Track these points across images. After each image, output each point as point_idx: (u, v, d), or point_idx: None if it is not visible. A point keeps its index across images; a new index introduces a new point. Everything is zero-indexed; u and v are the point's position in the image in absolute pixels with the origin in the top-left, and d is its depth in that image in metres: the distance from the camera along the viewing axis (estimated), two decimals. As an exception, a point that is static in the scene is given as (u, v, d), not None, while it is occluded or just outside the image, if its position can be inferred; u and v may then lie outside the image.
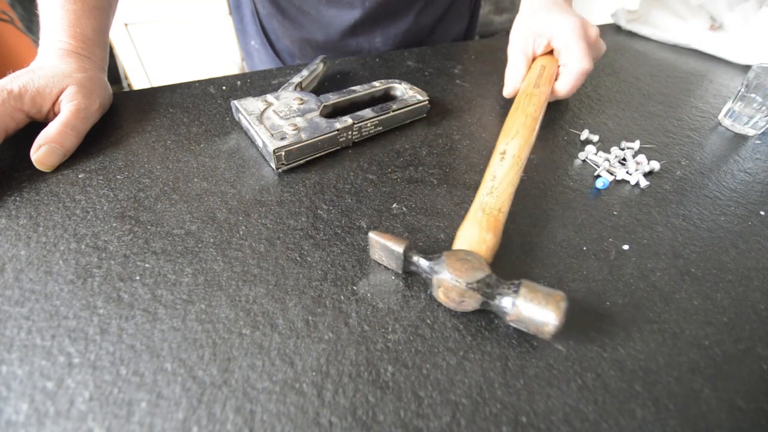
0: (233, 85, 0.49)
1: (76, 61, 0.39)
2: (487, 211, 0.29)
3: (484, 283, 0.24)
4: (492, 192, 0.30)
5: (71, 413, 0.20)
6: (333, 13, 0.62)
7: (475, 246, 0.27)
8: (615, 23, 0.77)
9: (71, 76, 0.37)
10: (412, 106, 0.42)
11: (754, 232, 0.34)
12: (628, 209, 0.35)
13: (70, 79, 0.37)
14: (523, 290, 0.23)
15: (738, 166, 0.42)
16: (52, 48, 0.39)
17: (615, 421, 0.21)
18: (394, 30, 0.66)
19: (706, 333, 0.26)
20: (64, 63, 0.38)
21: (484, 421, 0.21)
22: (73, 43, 0.40)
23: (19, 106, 0.34)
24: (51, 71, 0.37)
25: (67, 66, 0.38)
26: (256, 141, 0.37)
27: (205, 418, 0.20)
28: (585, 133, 0.43)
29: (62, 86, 0.36)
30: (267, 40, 0.70)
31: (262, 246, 0.29)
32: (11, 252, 0.27)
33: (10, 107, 0.34)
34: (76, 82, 0.37)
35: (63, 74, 0.37)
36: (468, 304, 0.24)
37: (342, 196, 0.34)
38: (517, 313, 0.23)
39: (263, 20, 0.69)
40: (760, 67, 0.45)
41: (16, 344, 0.23)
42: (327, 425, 0.20)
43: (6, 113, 0.33)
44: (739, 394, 0.23)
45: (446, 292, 0.24)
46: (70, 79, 0.37)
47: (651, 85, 0.56)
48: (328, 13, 0.63)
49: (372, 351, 0.24)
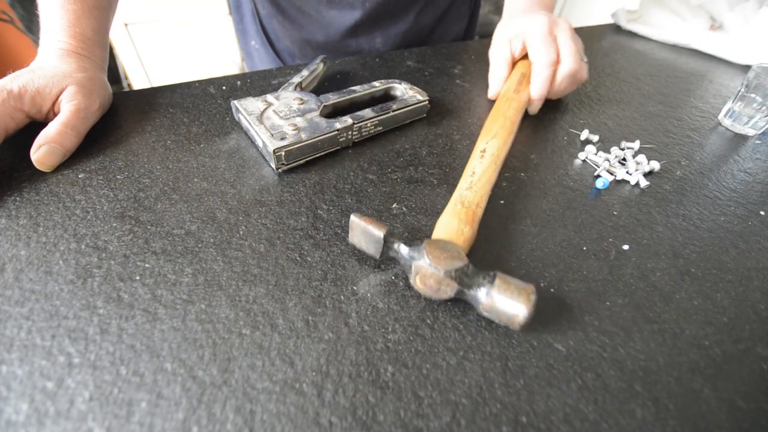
0: (233, 85, 0.49)
1: (75, 61, 0.39)
2: (466, 205, 0.30)
3: (462, 272, 0.24)
4: (471, 187, 0.31)
5: (71, 413, 0.20)
6: (333, 14, 0.63)
7: (453, 237, 0.27)
8: (615, 23, 0.77)
9: (71, 75, 0.37)
10: (412, 106, 0.42)
11: (754, 232, 0.34)
12: (628, 209, 0.35)
13: (70, 78, 0.37)
14: (498, 281, 0.24)
15: (738, 166, 0.42)
16: (52, 48, 0.39)
17: (615, 421, 0.21)
18: (394, 30, 0.66)
19: (706, 333, 0.26)
20: (64, 63, 0.38)
21: (484, 421, 0.21)
22: (72, 42, 0.40)
23: (18, 106, 0.34)
24: (51, 71, 0.37)
25: (66, 66, 0.38)
26: (256, 141, 0.37)
27: (205, 418, 0.20)
28: (585, 133, 0.43)
29: (62, 86, 0.36)
30: (267, 40, 0.70)
31: (262, 246, 0.29)
32: (11, 252, 0.27)
33: (9, 107, 0.34)
34: (76, 81, 0.37)
35: (63, 74, 0.37)
36: (444, 292, 0.25)
37: (342, 196, 0.34)
38: (491, 303, 0.24)
39: (263, 20, 0.69)
40: (760, 67, 0.45)
41: (16, 344, 0.23)
42: (327, 425, 0.20)
43: (6, 113, 0.33)
44: (739, 394, 0.23)
45: (424, 279, 0.25)
46: (70, 78, 0.37)
47: (651, 85, 0.56)
48: (329, 14, 0.63)
49: (372, 351, 0.24)
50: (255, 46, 0.72)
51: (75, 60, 0.39)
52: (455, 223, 0.28)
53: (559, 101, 0.50)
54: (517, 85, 0.45)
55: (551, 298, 0.27)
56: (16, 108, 0.34)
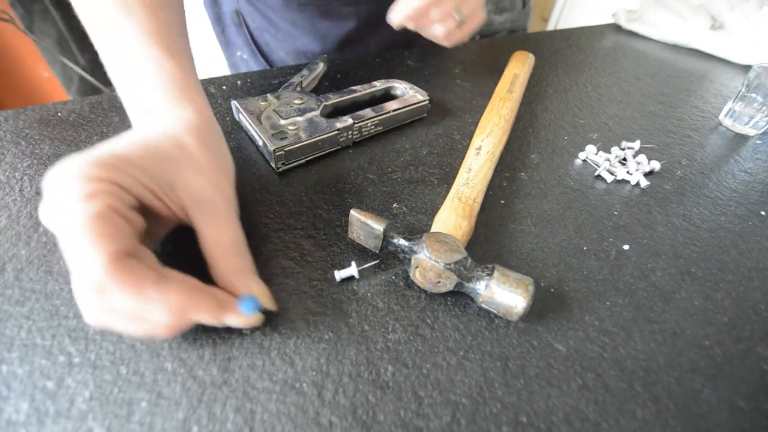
0: (233, 85, 0.48)
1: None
2: (463, 200, 0.30)
3: (461, 265, 0.25)
4: (468, 183, 0.32)
5: (71, 413, 0.20)
6: (327, 25, 0.62)
7: (452, 231, 0.28)
8: (615, 23, 0.77)
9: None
10: (413, 105, 0.42)
11: (754, 232, 0.34)
12: (629, 209, 0.35)
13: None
14: (496, 274, 0.24)
15: (738, 166, 0.42)
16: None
17: (615, 421, 0.21)
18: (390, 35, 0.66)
19: (706, 333, 0.26)
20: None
21: (484, 421, 0.21)
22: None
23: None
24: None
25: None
26: (257, 141, 0.37)
27: (205, 417, 0.20)
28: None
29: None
30: (260, 52, 0.69)
31: (262, 246, 0.29)
32: (12, 251, 0.27)
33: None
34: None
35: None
36: (443, 284, 0.25)
37: (342, 196, 0.34)
38: (489, 295, 0.24)
39: (254, 33, 0.67)
40: (760, 66, 0.45)
41: (16, 343, 0.23)
42: (327, 425, 0.20)
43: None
44: (739, 394, 0.23)
45: (423, 272, 0.25)
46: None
47: (651, 85, 0.56)
48: (323, 26, 0.62)
49: (372, 351, 0.24)
50: (243, 57, 0.70)
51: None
52: (453, 217, 0.29)
53: (560, 101, 0.50)
54: (510, 85, 0.46)
55: (551, 298, 0.27)
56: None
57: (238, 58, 0.71)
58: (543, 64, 0.58)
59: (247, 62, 0.71)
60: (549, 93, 0.52)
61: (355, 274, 0.27)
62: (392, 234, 0.27)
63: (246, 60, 0.70)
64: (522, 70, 0.49)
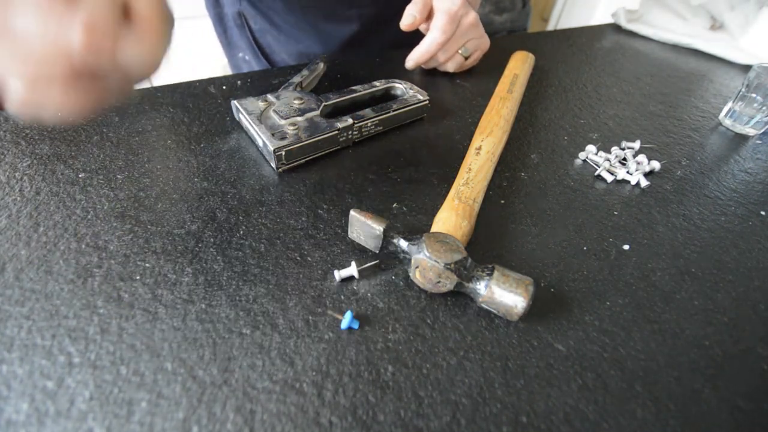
0: (233, 84, 0.49)
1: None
2: (463, 200, 0.31)
3: (461, 265, 0.25)
4: (468, 183, 0.32)
5: (71, 413, 0.20)
6: (331, 27, 0.62)
7: (452, 231, 0.28)
8: (615, 23, 0.77)
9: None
10: (413, 105, 0.42)
11: (754, 232, 0.34)
12: (629, 209, 0.35)
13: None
14: (496, 274, 0.24)
15: (738, 166, 0.42)
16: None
17: (615, 421, 0.21)
18: (391, 37, 0.66)
19: (706, 333, 0.26)
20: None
21: (484, 420, 0.21)
22: None
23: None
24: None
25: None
26: (257, 141, 0.37)
27: (205, 417, 0.20)
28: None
29: None
30: (262, 54, 0.69)
31: (262, 246, 0.29)
32: (12, 251, 0.27)
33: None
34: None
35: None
36: (443, 284, 0.25)
37: (342, 196, 0.34)
38: (490, 295, 0.24)
39: (256, 35, 0.67)
40: (760, 66, 0.45)
41: (16, 344, 0.23)
42: (327, 425, 0.20)
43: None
44: (739, 394, 0.23)
45: (423, 272, 0.25)
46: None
47: (651, 85, 0.56)
48: (326, 28, 0.62)
49: (372, 351, 0.24)
50: (245, 58, 0.70)
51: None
52: (453, 217, 0.29)
53: (560, 101, 0.50)
54: (510, 85, 0.46)
55: (551, 298, 0.27)
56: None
57: (240, 59, 0.71)
58: (543, 64, 0.58)
59: (249, 63, 0.71)
60: (549, 93, 0.52)
61: (355, 274, 0.27)
62: (392, 234, 0.27)
63: (248, 61, 0.71)
64: (522, 70, 0.49)
